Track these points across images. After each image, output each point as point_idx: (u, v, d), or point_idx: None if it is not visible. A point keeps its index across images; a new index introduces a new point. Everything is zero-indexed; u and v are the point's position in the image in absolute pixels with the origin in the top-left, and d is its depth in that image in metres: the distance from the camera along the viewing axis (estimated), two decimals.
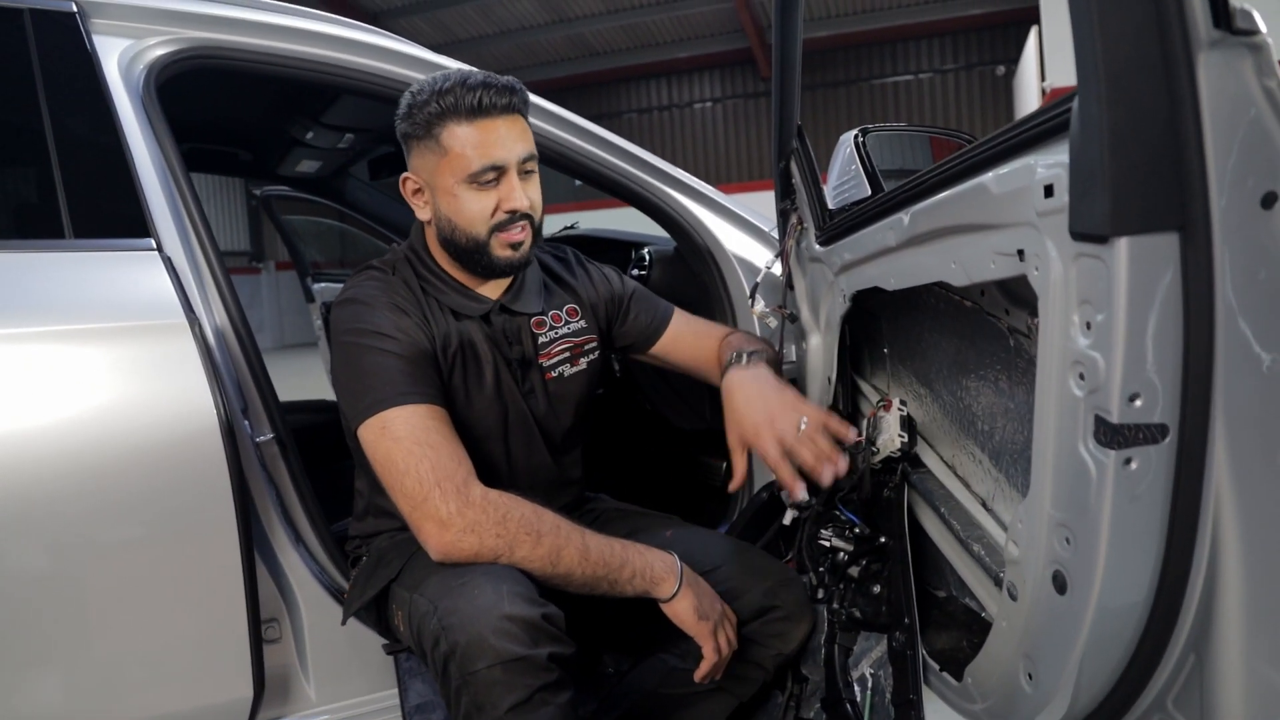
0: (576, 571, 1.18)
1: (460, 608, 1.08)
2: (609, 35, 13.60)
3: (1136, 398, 0.76)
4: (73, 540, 1.23)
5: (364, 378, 1.24)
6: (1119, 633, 0.85)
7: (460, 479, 1.17)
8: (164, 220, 1.39)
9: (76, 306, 1.28)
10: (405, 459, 1.17)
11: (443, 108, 1.25)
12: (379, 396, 1.22)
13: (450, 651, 1.06)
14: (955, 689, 1.15)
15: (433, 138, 1.27)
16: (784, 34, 1.45)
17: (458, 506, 1.14)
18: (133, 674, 1.28)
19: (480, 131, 1.26)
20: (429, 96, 1.26)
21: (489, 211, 1.29)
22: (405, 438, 1.18)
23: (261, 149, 2.55)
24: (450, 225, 1.31)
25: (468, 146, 1.26)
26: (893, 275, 1.26)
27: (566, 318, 1.47)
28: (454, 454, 1.20)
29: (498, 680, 1.03)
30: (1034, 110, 0.86)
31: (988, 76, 12.87)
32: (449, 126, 1.26)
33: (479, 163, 1.26)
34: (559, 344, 1.45)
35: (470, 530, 1.14)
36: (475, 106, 1.25)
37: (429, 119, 1.27)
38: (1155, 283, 0.74)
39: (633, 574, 1.21)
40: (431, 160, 1.29)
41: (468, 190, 1.28)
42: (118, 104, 1.41)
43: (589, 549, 1.19)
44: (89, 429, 1.23)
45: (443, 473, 1.16)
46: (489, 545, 1.14)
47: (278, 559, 1.42)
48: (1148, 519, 0.80)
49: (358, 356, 1.25)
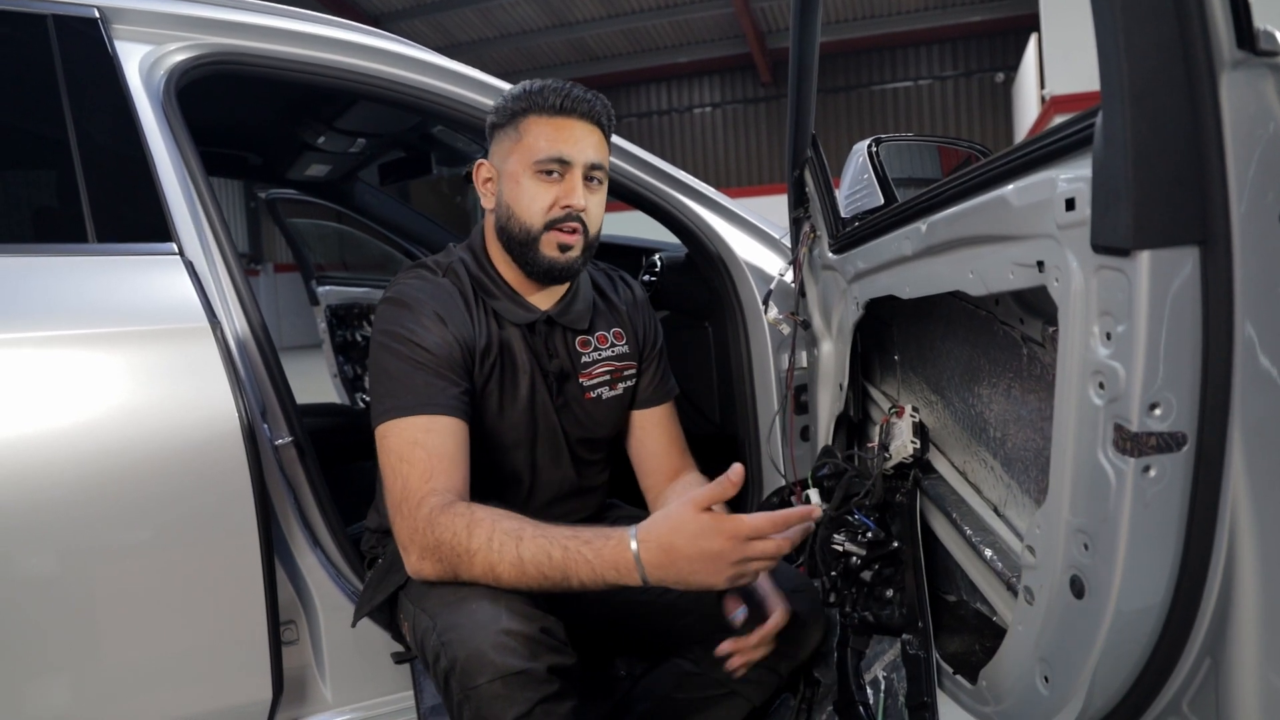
0: (522, 585, 1.10)
1: (459, 623, 1.08)
2: (609, 39, 13.64)
3: (1156, 407, 0.78)
4: (96, 543, 1.24)
5: (384, 382, 1.26)
6: (1136, 636, 0.87)
7: (416, 500, 1.16)
8: (185, 224, 1.40)
9: (100, 310, 1.29)
10: (388, 473, 1.20)
11: (530, 101, 1.31)
12: (390, 404, 1.23)
13: (451, 667, 1.07)
14: (969, 692, 1.17)
15: (513, 125, 1.32)
16: (801, 42, 1.47)
17: (411, 529, 1.16)
18: (154, 676, 1.29)
19: (556, 127, 1.30)
20: (522, 91, 1.33)
21: (547, 205, 1.30)
22: (392, 451, 1.21)
23: (271, 153, 2.57)
24: (508, 212, 1.33)
25: (541, 137, 1.30)
26: (908, 284, 1.28)
27: (613, 340, 1.47)
28: (425, 471, 1.18)
29: (498, 694, 1.04)
30: (1055, 125, 0.88)
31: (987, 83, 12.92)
32: (530, 117, 1.31)
33: (547, 152, 1.29)
34: (601, 365, 1.44)
35: (426, 552, 1.15)
36: (558, 105, 1.30)
37: (515, 109, 1.32)
38: (1176, 295, 0.75)
39: (581, 584, 1.09)
40: (506, 146, 1.33)
41: (531, 179, 1.30)
42: (139, 108, 1.43)
43: (524, 562, 1.09)
44: (112, 432, 1.24)
45: (408, 491, 1.17)
46: (438, 570, 1.15)
47: (295, 561, 1.43)
48: (1165, 525, 0.82)
49: (385, 359, 1.27)
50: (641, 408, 1.51)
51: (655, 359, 1.53)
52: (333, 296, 3.46)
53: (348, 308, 3.49)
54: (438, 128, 2.30)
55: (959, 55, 13.14)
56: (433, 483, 1.18)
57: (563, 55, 14.00)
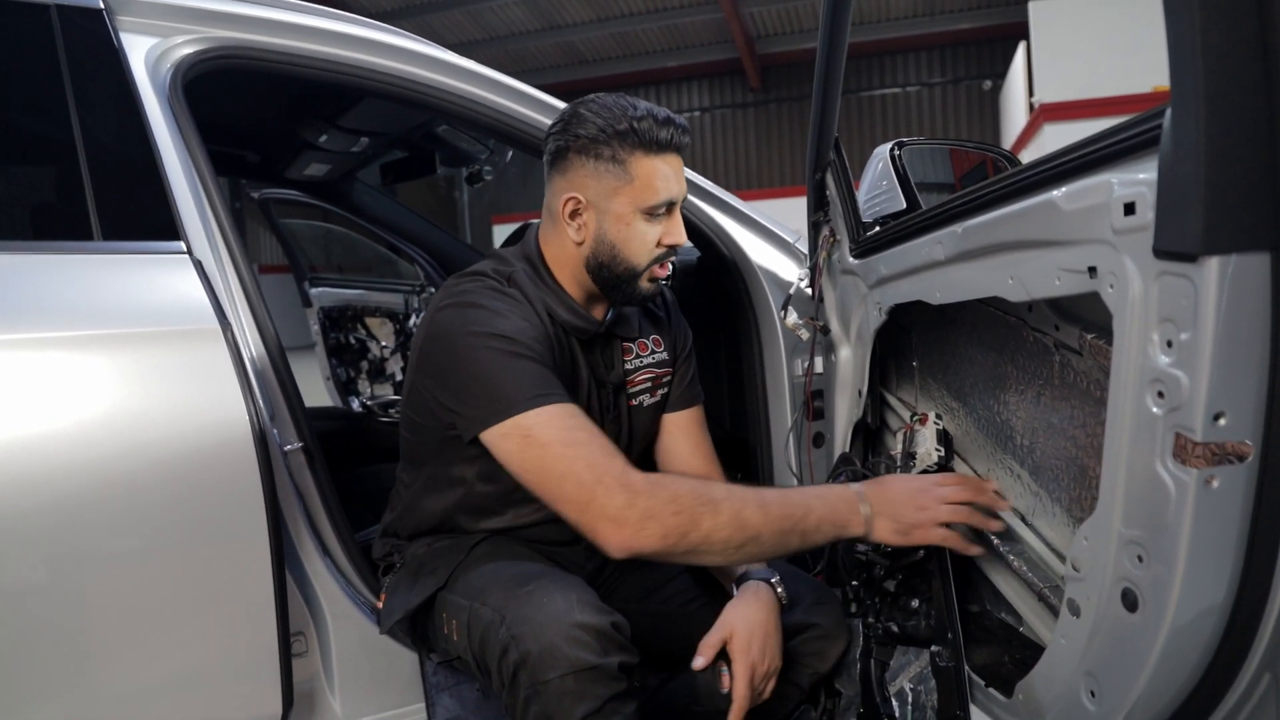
0: (764, 531, 1.13)
1: (530, 616, 1.06)
2: (599, 43, 13.62)
3: (1221, 416, 0.76)
4: (102, 550, 1.20)
5: (494, 379, 1.19)
6: (1192, 650, 0.85)
7: (618, 471, 1.12)
8: (193, 222, 1.36)
9: (107, 310, 1.25)
10: (558, 463, 1.13)
11: (639, 138, 1.25)
12: (514, 398, 1.17)
13: (521, 660, 1.05)
14: (1004, 705, 1.15)
15: (618, 162, 1.26)
16: (830, 45, 1.44)
17: (626, 499, 1.10)
18: (160, 689, 1.25)
19: (665, 165, 1.27)
20: (621, 119, 1.25)
21: (653, 243, 1.29)
22: (553, 441, 1.14)
23: (270, 151, 2.52)
24: (612, 251, 1.29)
25: (654, 178, 1.26)
26: (938, 289, 1.26)
27: (653, 347, 1.46)
28: (604, 447, 1.15)
29: (569, 690, 1.02)
30: (1109, 128, 0.86)
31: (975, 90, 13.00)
32: (638, 155, 1.25)
33: (662, 195, 1.27)
34: (643, 373, 1.44)
35: (647, 518, 1.10)
36: (666, 141, 1.26)
37: (620, 144, 1.25)
38: (1245, 302, 0.73)
39: (819, 521, 1.17)
40: (610, 184, 1.27)
41: (641, 220, 1.28)
42: (145, 103, 1.39)
43: (768, 504, 1.15)
44: (119, 436, 1.20)
45: (600, 469, 1.12)
46: (671, 526, 1.10)
47: (305, 570, 1.39)
48: (1225, 537, 0.80)
49: (482, 358, 1.19)
50: (671, 410, 1.50)
51: (687, 362, 1.53)
52: (326, 298, 3.41)
53: (341, 309, 3.44)
54: (442, 126, 2.26)
55: (947, 62, 13.21)
56: (618, 456, 1.15)
57: (552, 59, 13.97)
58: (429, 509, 1.37)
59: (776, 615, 1.29)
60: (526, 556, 1.32)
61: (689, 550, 1.12)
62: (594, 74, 14.04)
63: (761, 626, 1.26)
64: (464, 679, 1.42)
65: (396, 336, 3.41)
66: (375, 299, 3.38)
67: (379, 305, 3.38)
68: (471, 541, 1.33)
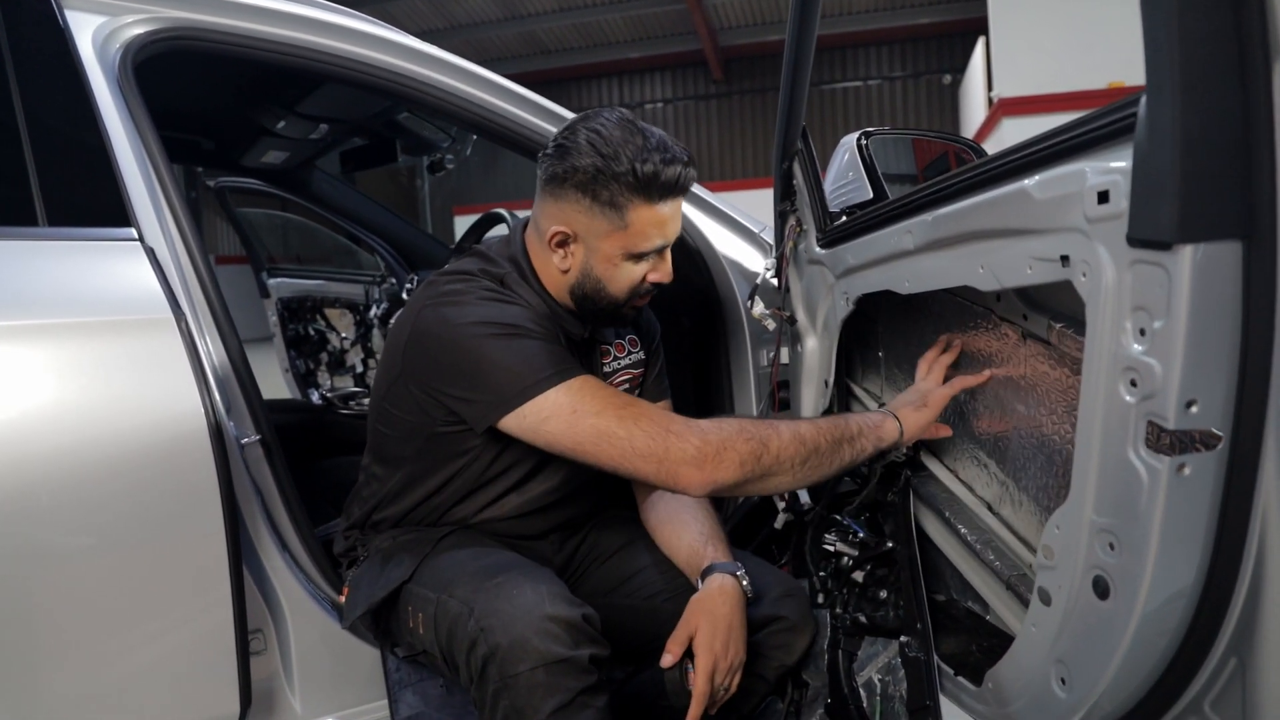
0: (821, 443, 1.18)
1: (500, 608, 1.05)
2: (561, 33, 13.53)
3: (1193, 404, 0.76)
4: (49, 549, 1.15)
5: (507, 364, 1.16)
6: (1161, 636, 0.85)
7: (676, 419, 1.15)
8: (144, 208, 1.31)
9: (53, 299, 1.20)
10: (620, 426, 1.12)
11: (640, 181, 1.20)
12: (537, 377, 1.15)
13: (490, 654, 1.03)
14: (973, 694, 1.15)
15: (614, 206, 1.22)
16: (799, 34, 1.43)
17: (699, 439, 1.12)
18: (113, 690, 1.21)
19: (662, 212, 1.24)
20: (622, 160, 1.19)
21: (638, 280, 1.29)
22: (605, 409, 1.13)
23: (227, 138, 2.45)
24: (597, 286, 1.29)
25: (649, 225, 1.24)
26: (908, 279, 1.25)
27: (629, 348, 1.46)
28: (647, 403, 1.17)
29: (539, 683, 1.01)
30: (1083, 115, 0.86)
31: (935, 85, 13.14)
32: (637, 203, 1.22)
33: (655, 243, 1.27)
34: (622, 374, 1.44)
35: (724, 449, 1.11)
36: (670, 186, 1.23)
37: (619, 186, 1.20)
38: (1218, 290, 0.73)
39: (859, 429, 1.23)
40: (602, 225, 1.24)
41: (627, 261, 1.27)
42: (93, 84, 1.34)
43: (814, 423, 1.20)
44: (67, 431, 1.16)
45: (661, 419, 1.13)
46: (747, 453, 1.12)
47: (263, 566, 1.36)
48: (1196, 523, 0.80)
49: (496, 345, 1.17)
50: None
51: (656, 355, 1.53)
52: (284, 289, 3.35)
53: (300, 300, 3.37)
54: (404, 114, 2.22)
55: (908, 56, 13.33)
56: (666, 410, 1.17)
57: (514, 49, 13.85)
58: (401, 504, 1.35)
59: (741, 608, 1.28)
60: (495, 548, 1.30)
61: (764, 473, 1.15)
62: (556, 64, 13.95)
63: (725, 620, 1.25)
64: (427, 675, 1.39)
65: (357, 328, 3.35)
66: (335, 290, 3.33)
67: (339, 296, 3.32)
68: (439, 534, 1.30)
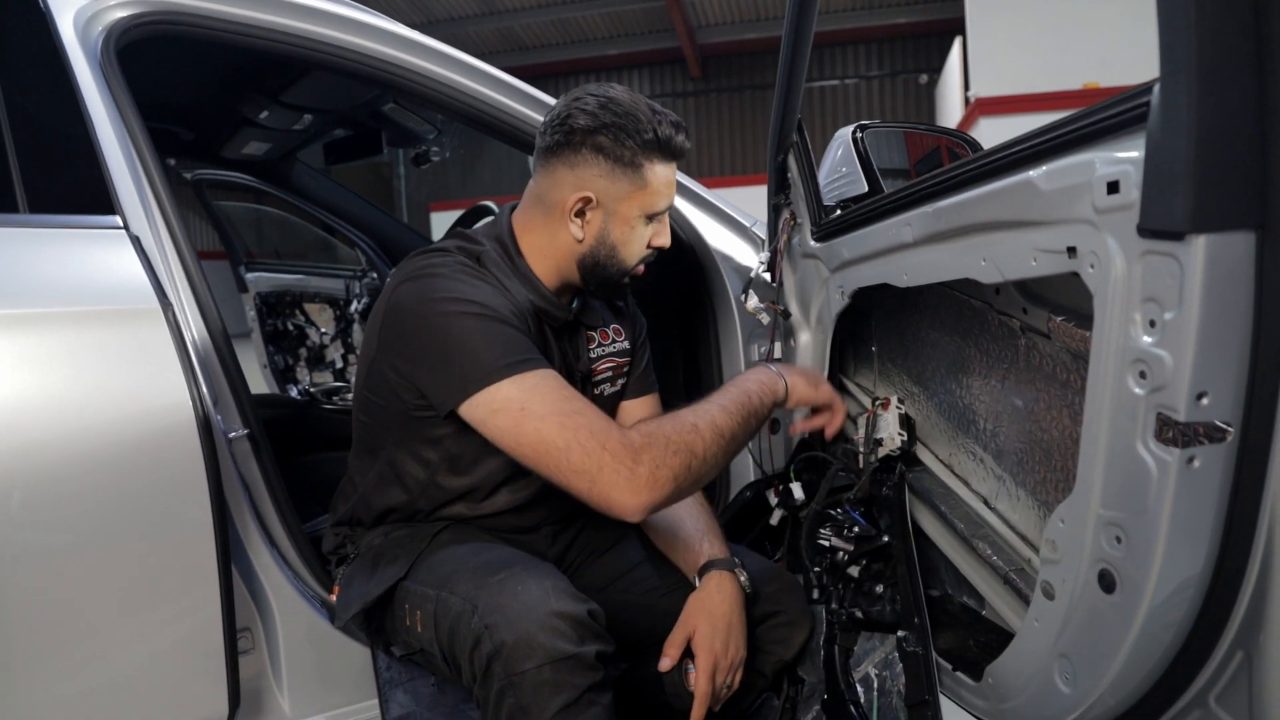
0: (734, 427, 1.19)
1: (504, 605, 1.03)
2: (539, 30, 13.45)
3: (1204, 396, 0.76)
4: (33, 546, 1.12)
5: (471, 346, 1.12)
6: (1166, 631, 0.85)
7: (615, 433, 1.09)
8: (129, 195, 1.28)
9: (36, 288, 1.17)
10: (560, 436, 1.07)
11: (658, 141, 1.24)
12: (496, 364, 1.11)
13: (495, 651, 1.01)
14: (973, 689, 1.15)
15: (634, 167, 1.23)
16: (797, 27, 1.42)
17: (631, 460, 1.07)
18: (100, 690, 1.18)
19: (671, 172, 1.28)
20: (644, 124, 1.22)
21: (645, 245, 1.31)
22: (551, 413, 1.09)
23: (206, 128, 2.40)
24: (611, 251, 1.28)
25: (664, 184, 1.27)
26: (906, 272, 1.25)
27: (614, 336, 1.45)
28: (597, 412, 1.12)
29: (546, 680, 0.99)
30: (1090, 107, 0.85)
31: (911, 84, 13.20)
32: (654, 162, 1.25)
33: (667, 201, 1.29)
34: (606, 361, 1.42)
35: (657, 470, 1.08)
36: (678, 149, 1.27)
37: (636, 146, 1.22)
38: (1230, 281, 0.73)
39: (759, 396, 1.25)
40: (623, 187, 1.24)
41: (642, 223, 1.28)
42: (75, 68, 1.30)
43: (722, 405, 1.20)
44: (51, 423, 1.13)
45: (602, 435, 1.08)
46: (678, 466, 1.10)
47: (251, 563, 1.33)
48: (1204, 516, 0.80)
49: (462, 325, 1.13)
50: (628, 398, 1.48)
51: (643, 349, 1.51)
52: (262, 283, 3.30)
53: (279, 295, 3.33)
54: (390, 105, 2.18)
55: (885, 56, 13.38)
56: (604, 416, 1.13)
57: (492, 44, 13.75)
58: (386, 497, 1.32)
59: (740, 606, 1.28)
60: (492, 543, 1.28)
61: (694, 481, 1.14)
62: (534, 60, 13.86)
63: (725, 619, 1.24)
64: (419, 673, 1.37)
65: (336, 323, 3.31)
66: (314, 284, 3.29)
67: (318, 291, 3.28)
68: (433, 530, 1.28)
